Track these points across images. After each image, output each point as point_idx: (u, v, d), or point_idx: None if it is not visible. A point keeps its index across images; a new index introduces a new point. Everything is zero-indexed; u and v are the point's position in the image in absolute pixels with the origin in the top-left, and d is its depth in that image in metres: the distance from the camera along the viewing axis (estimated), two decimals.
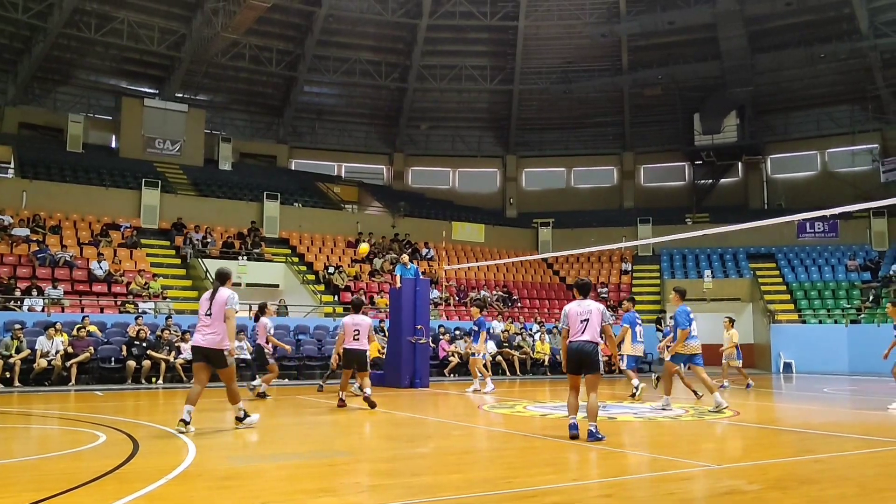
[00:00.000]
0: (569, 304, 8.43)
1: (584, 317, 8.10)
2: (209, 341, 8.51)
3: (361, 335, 11.66)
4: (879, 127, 33.10)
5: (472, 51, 35.37)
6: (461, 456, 7.39)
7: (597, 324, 8.05)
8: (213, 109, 34.26)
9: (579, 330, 8.08)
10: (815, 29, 32.08)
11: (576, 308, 8.21)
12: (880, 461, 7.11)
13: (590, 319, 8.06)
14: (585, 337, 8.03)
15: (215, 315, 8.52)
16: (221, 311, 8.50)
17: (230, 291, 8.74)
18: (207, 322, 8.55)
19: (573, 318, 8.16)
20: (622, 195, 37.38)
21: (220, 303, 8.55)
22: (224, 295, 8.62)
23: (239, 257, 24.41)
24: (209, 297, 8.69)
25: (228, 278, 8.91)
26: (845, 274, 28.76)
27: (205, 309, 8.64)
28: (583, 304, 8.21)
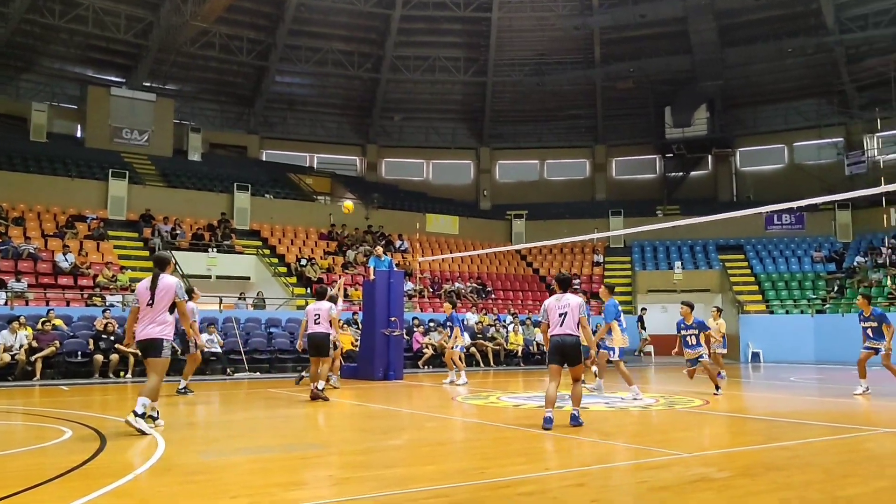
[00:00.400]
0: (548, 298, 8.74)
1: (563, 310, 8.35)
2: (149, 333, 7.84)
3: (322, 319, 11.57)
4: (844, 121, 33.65)
5: (445, 42, 35.27)
6: (435, 447, 7.39)
7: (575, 317, 8.29)
8: (182, 99, 33.76)
9: (557, 323, 8.34)
10: (784, 24, 32.50)
11: (554, 302, 8.47)
12: (845, 448, 7.24)
13: (568, 313, 8.30)
14: (565, 330, 8.29)
15: (157, 304, 7.85)
16: (164, 301, 7.86)
17: (176, 280, 8.09)
18: (148, 313, 7.87)
19: (552, 312, 8.42)
20: (594, 187, 37.61)
21: (162, 292, 7.87)
22: (168, 283, 7.95)
23: (209, 249, 24.13)
24: (149, 286, 7.94)
25: (168, 264, 8.27)
26: (811, 265, 29.26)
27: (146, 299, 7.92)
28: (562, 299, 8.46)
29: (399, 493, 5.05)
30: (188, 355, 12.80)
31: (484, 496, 5.02)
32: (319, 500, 4.90)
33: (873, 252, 28.23)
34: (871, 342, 12.67)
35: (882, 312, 13.04)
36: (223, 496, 4.96)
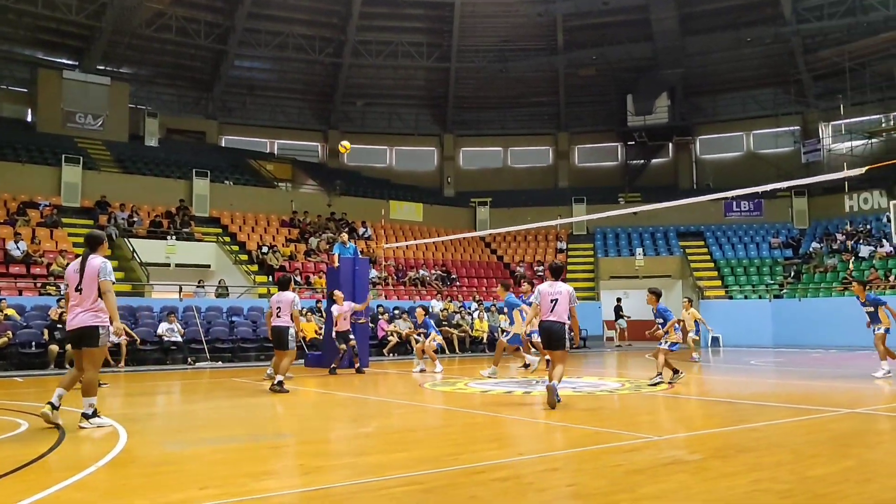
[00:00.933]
0: (541, 284, 9.25)
1: (554, 297, 8.85)
2: (80, 321, 7.18)
3: (283, 312, 11.27)
4: (801, 110, 34.27)
5: (408, 27, 34.95)
6: (405, 434, 7.30)
7: (565, 305, 8.82)
8: (137, 83, 32.90)
9: (548, 309, 8.85)
10: (742, 13, 32.89)
11: (547, 289, 8.96)
12: (810, 429, 7.35)
13: (559, 300, 8.81)
14: (553, 317, 8.81)
15: (87, 288, 7.21)
16: (94, 284, 7.21)
17: (102, 259, 7.39)
18: (77, 298, 7.24)
19: (544, 298, 8.91)
20: (557, 175, 37.76)
21: (91, 274, 7.21)
22: (95, 264, 7.26)
23: (168, 237, 23.62)
24: (78, 269, 7.29)
25: (100, 243, 7.59)
26: (769, 251, 29.81)
27: (74, 283, 7.27)
28: (554, 286, 8.97)
29: (373, 481, 4.96)
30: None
31: (459, 482, 4.95)
32: (291, 490, 4.79)
33: (829, 238, 28.88)
34: (875, 325, 13.04)
35: (877, 297, 13.54)
36: (191, 487, 4.81)
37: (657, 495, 4.52)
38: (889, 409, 8.57)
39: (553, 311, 8.82)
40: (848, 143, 31.81)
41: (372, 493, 4.68)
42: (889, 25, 30.21)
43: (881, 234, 27.02)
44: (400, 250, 28.04)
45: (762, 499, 4.45)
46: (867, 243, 26.99)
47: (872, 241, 26.99)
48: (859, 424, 7.58)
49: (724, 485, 4.80)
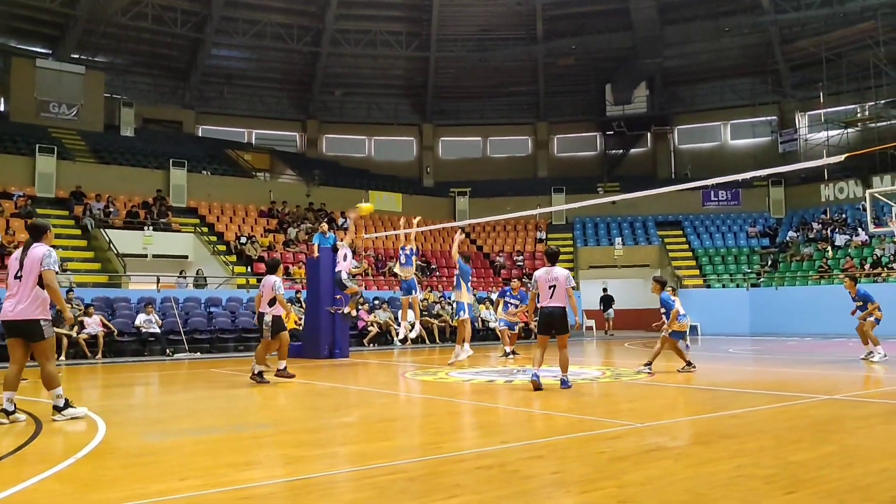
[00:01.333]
0: (538, 270, 9.44)
1: (552, 283, 9.06)
2: (20, 312, 6.87)
3: (263, 298, 10.73)
4: (778, 100, 34.55)
5: (387, 16, 34.71)
6: (388, 423, 7.26)
7: (563, 289, 9.04)
8: (113, 72, 32.39)
9: (548, 295, 9.07)
10: (721, 3, 33.03)
11: (544, 275, 9.16)
12: (790, 415, 7.41)
13: (556, 286, 9.02)
14: (555, 302, 9.04)
15: (26, 277, 6.89)
16: (34, 273, 6.88)
17: (47, 248, 7.05)
18: (16, 287, 6.92)
19: (542, 284, 9.14)
20: (536, 165, 37.78)
21: (32, 263, 6.90)
22: (38, 253, 6.94)
23: (144, 227, 23.34)
24: (18, 257, 7.02)
25: (44, 232, 7.21)
26: (746, 240, 30.08)
27: (14, 271, 6.96)
28: (551, 272, 9.15)
29: (356, 470, 4.92)
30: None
31: (443, 470, 4.93)
32: (273, 480, 4.73)
33: (805, 227, 29.19)
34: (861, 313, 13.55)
35: (866, 293, 13.92)
36: (171, 478, 4.74)
37: (641, 482, 4.52)
38: (866, 396, 8.67)
39: (553, 296, 9.04)
40: (824, 132, 32.12)
41: (355, 482, 4.64)
42: (865, 16, 30.52)
43: (857, 223, 27.35)
44: (379, 240, 27.92)
45: (746, 484, 4.47)
46: (843, 232, 27.33)
47: (848, 231, 27.33)
48: (838, 410, 7.66)
49: (708, 470, 4.82)
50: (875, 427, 6.61)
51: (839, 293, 23.67)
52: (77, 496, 4.36)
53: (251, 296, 20.80)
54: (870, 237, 25.57)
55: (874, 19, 29.97)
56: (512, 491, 4.35)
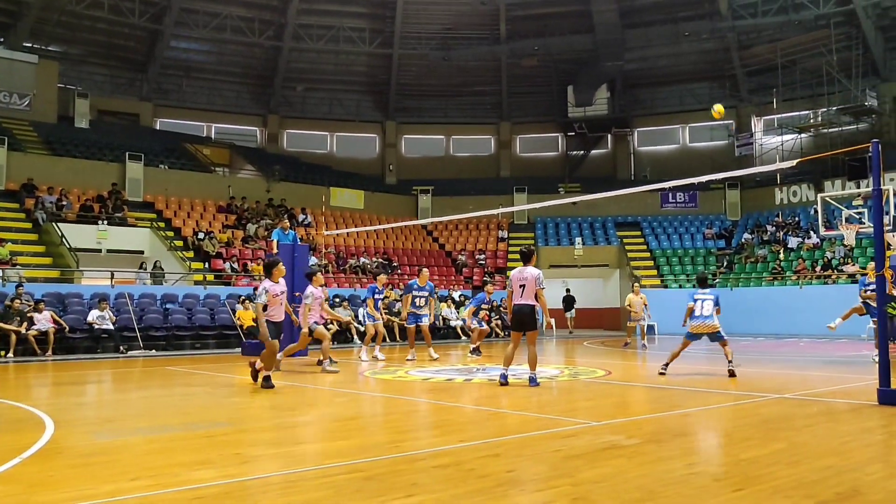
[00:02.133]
0: (513, 269, 9.85)
1: (522, 282, 9.39)
2: None
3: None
4: (734, 104, 35.20)
5: (350, 11, 34.53)
6: (346, 422, 7.23)
7: (532, 288, 9.33)
8: (67, 62, 31.63)
9: (519, 294, 9.39)
10: (681, 8, 33.61)
11: (517, 274, 9.52)
12: (741, 413, 7.57)
13: (525, 285, 9.35)
14: (524, 300, 9.35)
15: None
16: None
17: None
18: None
19: (514, 283, 9.50)
20: (499, 164, 37.95)
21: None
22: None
23: (99, 222, 22.84)
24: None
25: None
26: (703, 241, 30.63)
27: None
28: (523, 271, 9.49)
29: (313, 469, 4.89)
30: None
31: (400, 469, 4.92)
32: (227, 479, 4.67)
33: (759, 230, 29.82)
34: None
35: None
36: (121, 478, 4.65)
37: (595, 479, 4.58)
38: (814, 395, 8.89)
39: (522, 294, 9.36)
40: (779, 137, 32.85)
41: (312, 481, 4.61)
42: (819, 24, 31.32)
43: (809, 226, 28.02)
44: (340, 238, 27.78)
45: (697, 481, 4.55)
46: (796, 235, 27.98)
47: (801, 233, 28.00)
48: (787, 409, 7.84)
49: (661, 468, 4.90)
50: (821, 425, 6.79)
51: (792, 294, 24.37)
52: (24, 497, 4.25)
53: (208, 293, 20.53)
54: (821, 240, 26.23)
55: (827, 28, 30.78)
56: (468, 489, 4.36)
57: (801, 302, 23.46)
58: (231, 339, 18.53)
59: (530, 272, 9.43)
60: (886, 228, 17.53)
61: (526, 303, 9.38)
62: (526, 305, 9.38)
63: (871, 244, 21.22)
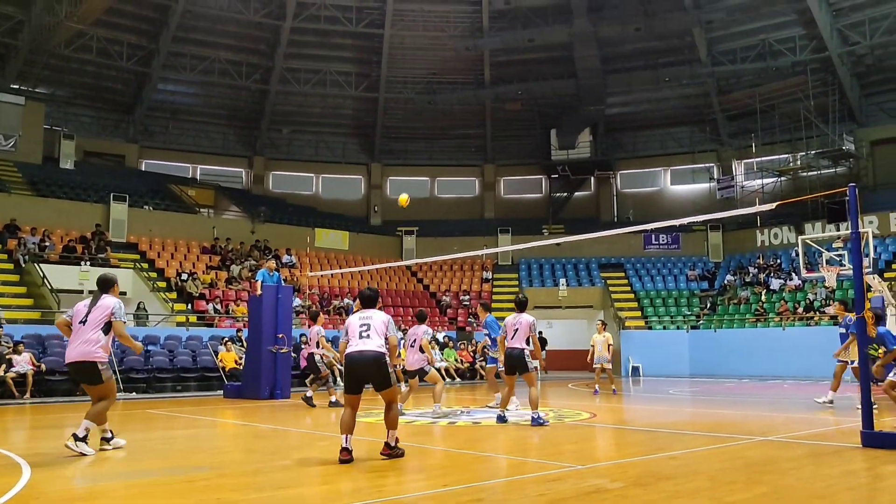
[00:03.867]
0: (508, 317, 10.15)
1: (516, 326, 9.89)
2: (81, 353, 7.49)
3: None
4: (715, 148, 35.80)
5: (337, 56, 35.00)
6: (327, 467, 7.14)
7: (524, 334, 9.83)
8: (54, 104, 31.74)
9: (510, 337, 9.90)
10: (661, 55, 34.37)
11: (511, 320, 10.00)
12: (726, 456, 7.56)
13: (518, 329, 9.86)
14: (514, 343, 9.90)
15: (90, 324, 7.51)
16: (98, 320, 7.50)
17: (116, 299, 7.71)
18: (79, 331, 7.55)
19: (508, 328, 9.97)
20: (483, 206, 38.20)
21: (100, 311, 7.54)
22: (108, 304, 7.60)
23: (81, 262, 22.68)
24: (88, 305, 7.68)
25: (112, 286, 7.84)
26: (686, 283, 30.83)
27: (80, 317, 7.60)
28: (518, 317, 9.95)
29: None
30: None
31: None
32: None
33: (742, 271, 30.08)
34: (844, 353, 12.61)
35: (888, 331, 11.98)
36: None
37: None
38: (799, 437, 8.90)
39: (514, 338, 9.85)
40: (759, 180, 33.38)
41: None
42: (796, 71, 32.10)
43: (791, 268, 28.31)
44: (325, 278, 27.73)
45: None
46: (778, 276, 28.24)
47: (782, 275, 28.26)
48: (772, 452, 7.84)
49: None
50: (805, 468, 6.79)
51: (775, 335, 24.51)
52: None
53: (191, 334, 20.36)
54: (803, 282, 26.49)
55: (804, 74, 31.54)
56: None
57: (784, 343, 23.58)
58: (213, 381, 18.34)
59: (524, 318, 9.91)
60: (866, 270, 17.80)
61: (515, 346, 9.84)
62: (515, 348, 9.84)
63: (852, 286, 21.48)
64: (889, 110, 32.37)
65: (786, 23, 31.89)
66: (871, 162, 32.19)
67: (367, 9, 33.00)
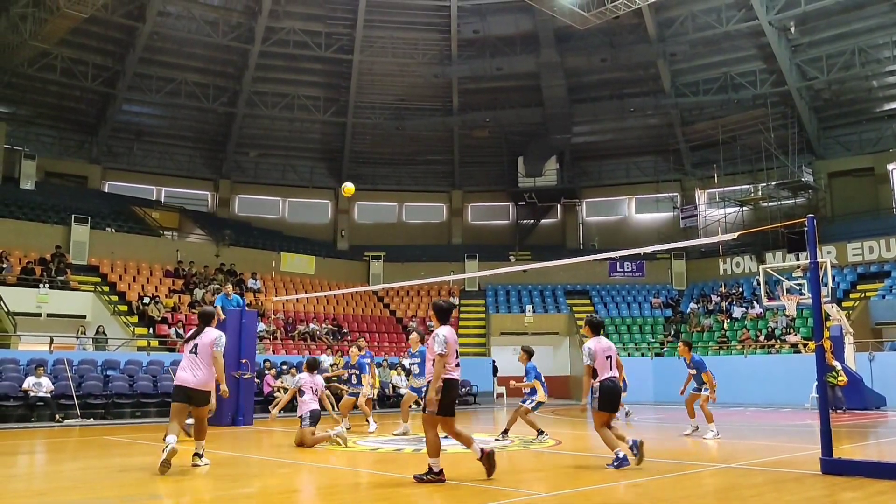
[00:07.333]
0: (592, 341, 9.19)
1: (608, 354, 8.93)
2: (199, 382, 8.33)
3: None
4: (679, 177, 36.42)
5: (305, 81, 35.04)
6: (289, 495, 7.03)
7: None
8: (15, 123, 31.19)
9: (609, 367, 8.88)
10: (626, 85, 35.06)
11: (602, 345, 8.97)
12: (688, 483, 7.61)
13: (611, 357, 8.98)
14: (612, 372, 8.87)
15: (203, 355, 8.36)
16: (208, 352, 8.37)
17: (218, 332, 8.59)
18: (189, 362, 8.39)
19: (600, 355, 8.92)
20: (451, 231, 38.30)
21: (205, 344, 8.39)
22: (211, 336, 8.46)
23: (40, 285, 22.20)
24: (191, 337, 8.60)
25: (213, 318, 8.83)
26: (650, 310, 31.13)
27: (189, 347, 8.49)
28: (603, 342, 9.04)
29: None
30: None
31: None
32: None
33: (705, 299, 30.49)
34: (696, 385, 12.81)
35: (700, 360, 13.02)
36: None
37: None
38: (760, 464, 8.99)
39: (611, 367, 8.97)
40: (722, 210, 34.01)
41: None
42: (757, 104, 32.95)
43: (752, 296, 28.77)
44: (290, 303, 27.46)
45: None
46: (740, 305, 28.67)
47: (744, 303, 28.70)
48: (733, 479, 7.91)
49: None
50: (766, 495, 6.85)
51: (737, 363, 24.82)
52: None
53: (151, 359, 19.97)
54: (764, 310, 26.91)
55: (765, 107, 32.39)
56: None
57: (746, 371, 23.86)
58: None
59: (608, 343, 9.11)
60: (825, 299, 18.14)
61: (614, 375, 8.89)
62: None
63: (811, 314, 21.90)
64: (845, 143, 33.33)
65: (746, 57, 32.76)
66: (829, 193, 33.02)
67: (336, 34, 33.17)
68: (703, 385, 12.67)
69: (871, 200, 32.06)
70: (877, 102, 32.47)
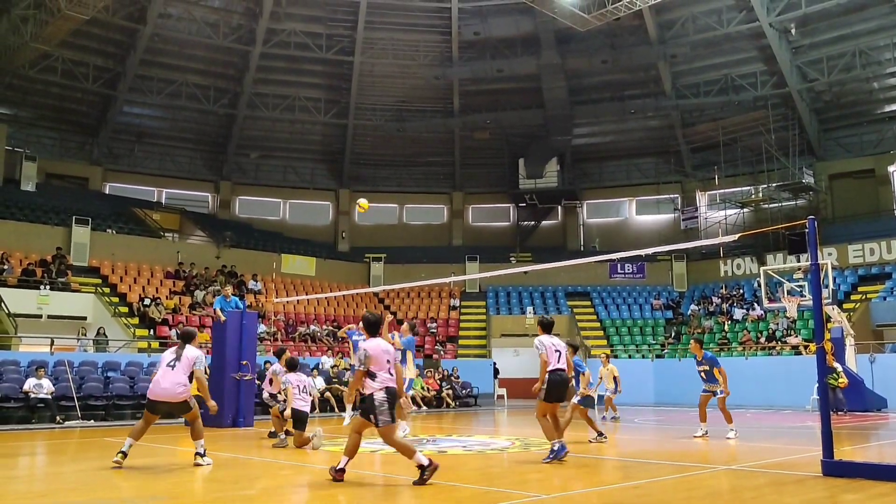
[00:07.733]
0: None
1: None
2: (171, 394, 8.87)
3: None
4: (680, 179, 36.44)
5: (306, 82, 35.07)
6: (291, 496, 7.02)
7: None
8: (16, 124, 31.25)
9: (555, 359, 9.17)
10: (627, 87, 35.07)
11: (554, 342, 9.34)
12: (689, 485, 7.59)
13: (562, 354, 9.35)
14: (560, 365, 9.18)
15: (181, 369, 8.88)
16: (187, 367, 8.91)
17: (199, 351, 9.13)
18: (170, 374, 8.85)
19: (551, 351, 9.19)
20: (451, 233, 38.30)
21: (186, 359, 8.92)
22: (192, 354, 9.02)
23: (41, 286, 22.21)
24: (174, 352, 9.07)
25: (194, 337, 9.38)
26: (651, 312, 31.12)
27: (167, 361, 8.95)
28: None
29: None
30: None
31: None
32: None
33: (705, 301, 30.48)
34: (707, 385, 13.10)
35: (713, 356, 13.36)
36: None
37: None
38: (761, 466, 8.98)
39: (559, 360, 9.37)
40: (722, 211, 34.00)
41: None
42: (757, 105, 32.95)
43: (753, 298, 28.75)
44: (290, 305, 27.47)
45: None
46: (741, 306, 28.66)
47: (745, 305, 28.68)
48: (735, 481, 7.90)
49: None
50: (767, 497, 6.84)
51: (738, 365, 24.76)
52: None
53: (152, 360, 19.92)
54: (765, 312, 26.90)
55: (765, 109, 32.39)
56: None
57: (747, 372, 23.82)
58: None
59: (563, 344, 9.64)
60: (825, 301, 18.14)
61: (562, 367, 9.36)
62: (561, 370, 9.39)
63: (812, 316, 21.87)
64: (846, 145, 33.32)
65: (747, 59, 32.76)
66: (830, 195, 33.02)
67: (337, 36, 33.19)
68: (718, 386, 12.72)
69: (872, 202, 32.05)
70: (877, 104, 32.47)
